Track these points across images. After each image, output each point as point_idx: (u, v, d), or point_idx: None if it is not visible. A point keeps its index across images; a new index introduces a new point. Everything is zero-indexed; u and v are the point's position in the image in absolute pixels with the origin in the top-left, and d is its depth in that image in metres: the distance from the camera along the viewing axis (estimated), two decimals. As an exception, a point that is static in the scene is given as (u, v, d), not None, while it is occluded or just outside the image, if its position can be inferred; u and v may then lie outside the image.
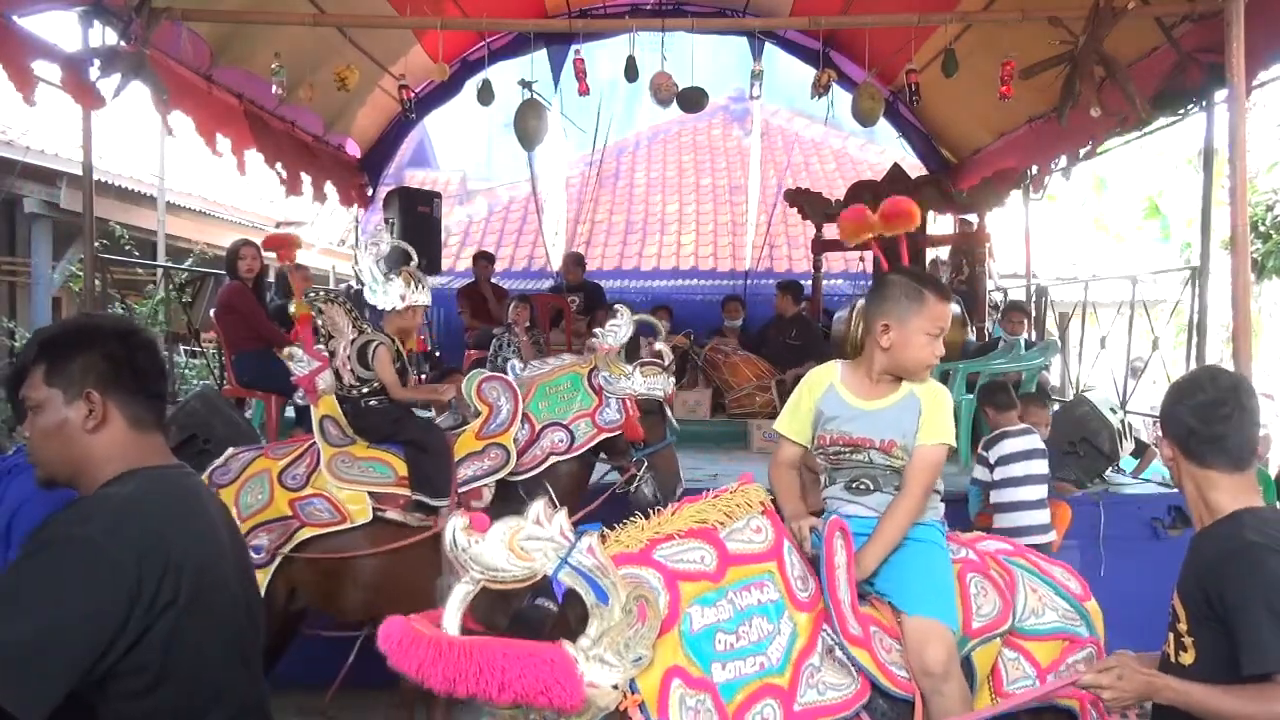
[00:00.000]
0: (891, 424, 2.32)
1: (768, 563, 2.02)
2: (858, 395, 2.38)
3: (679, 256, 12.78)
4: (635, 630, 1.60)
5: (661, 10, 8.79)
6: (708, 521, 1.98)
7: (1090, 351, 8.57)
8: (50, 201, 9.08)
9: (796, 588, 2.05)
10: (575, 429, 3.81)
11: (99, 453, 1.63)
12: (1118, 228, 17.02)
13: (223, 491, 3.45)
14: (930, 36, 6.64)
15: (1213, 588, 1.82)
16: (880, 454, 2.32)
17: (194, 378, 8.43)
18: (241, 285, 5.99)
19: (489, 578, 1.48)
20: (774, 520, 2.11)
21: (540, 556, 1.51)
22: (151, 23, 5.05)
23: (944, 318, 2.31)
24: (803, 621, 2.01)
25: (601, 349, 3.89)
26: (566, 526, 1.56)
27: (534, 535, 1.52)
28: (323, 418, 3.72)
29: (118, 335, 1.69)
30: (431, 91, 8.83)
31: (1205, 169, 5.72)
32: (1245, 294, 4.46)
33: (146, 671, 1.48)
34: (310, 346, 3.83)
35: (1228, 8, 4.41)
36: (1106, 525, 4.97)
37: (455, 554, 1.47)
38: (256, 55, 6.50)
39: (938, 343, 2.31)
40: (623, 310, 4.03)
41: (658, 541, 1.88)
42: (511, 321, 7.12)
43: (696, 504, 2.03)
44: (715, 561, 1.93)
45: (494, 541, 1.48)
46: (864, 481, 2.38)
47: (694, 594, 1.85)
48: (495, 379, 3.85)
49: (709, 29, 8.14)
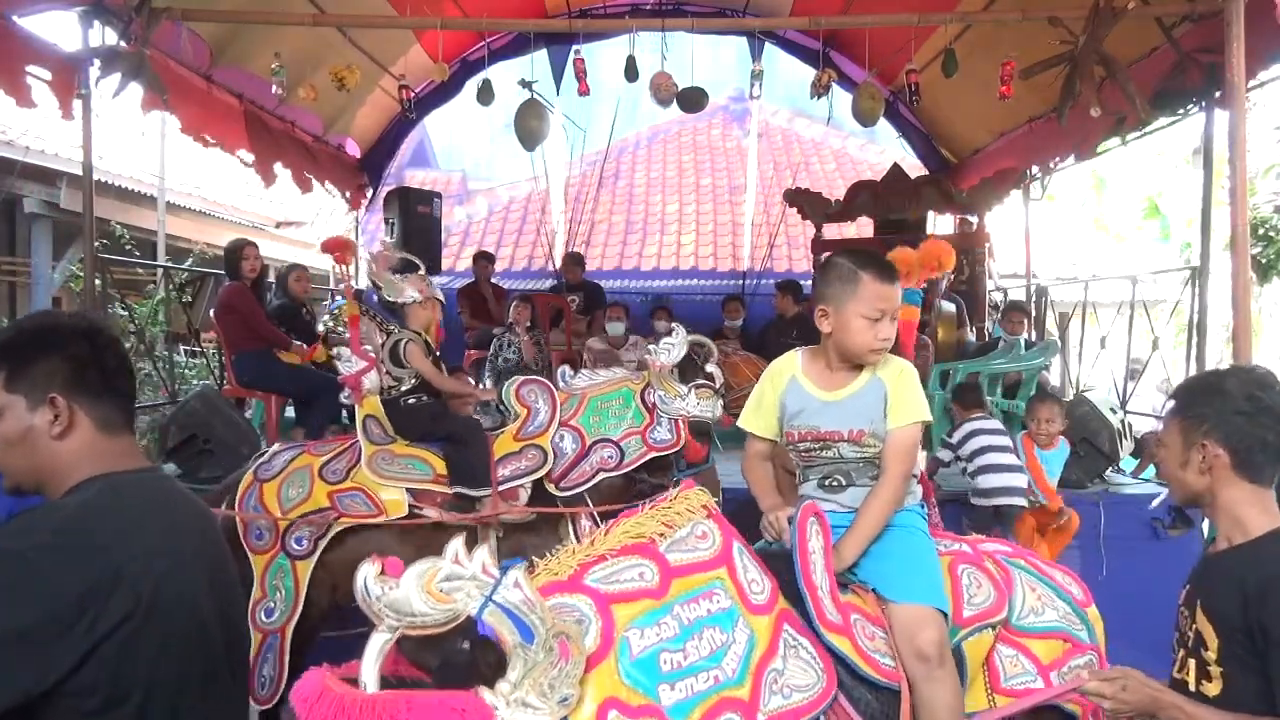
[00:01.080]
0: (858, 412, 2.24)
1: (716, 570, 1.90)
2: (820, 386, 2.30)
3: (679, 256, 12.78)
4: (559, 669, 1.50)
5: (661, 10, 8.79)
6: (645, 535, 1.85)
7: (1090, 351, 8.57)
8: (50, 201, 9.09)
9: (750, 591, 1.93)
10: (625, 446, 3.83)
11: (66, 459, 1.55)
12: (1118, 228, 17.03)
13: (266, 486, 3.54)
14: (930, 36, 6.64)
15: (1256, 618, 1.69)
16: (851, 446, 2.25)
17: (194, 378, 8.42)
18: (242, 285, 5.99)
19: (407, 624, 1.41)
20: (721, 523, 1.99)
21: (461, 597, 1.44)
22: (151, 23, 5.05)
23: (885, 298, 2.18)
24: (760, 626, 1.90)
25: (654, 366, 3.91)
26: (489, 563, 1.48)
27: (453, 575, 1.44)
28: (366, 417, 3.80)
29: (81, 335, 1.60)
30: (431, 91, 8.83)
31: (1205, 169, 5.72)
32: (1245, 294, 4.46)
33: (96, 692, 1.41)
34: (358, 347, 3.95)
35: (1228, 8, 4.41)
36: (1106, 525, 4.97)
37: (368, 602, 1.40)
38: (256, 55, 6.50)
39: (883, 325, 2.18)
40: (678, 329, 4.08)
41: (589, 565, 1.76)
42: (512, 321, 7.12)
43: (632, 518, 1.89)
44: (656, 577, 1.80)
45: (409, 586, 1.41)
46: (836, 478, 2.32)
47: (631, 616, 1.72)
48: (534, 382, 3.91)
49: (709, 29, 8.14)
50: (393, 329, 3.99)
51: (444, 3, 7.15)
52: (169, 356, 8.13)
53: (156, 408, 7.51)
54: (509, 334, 7.10)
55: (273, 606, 3.44)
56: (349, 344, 4.09)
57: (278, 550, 3.49)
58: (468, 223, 13.64)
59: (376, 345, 3.94)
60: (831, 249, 8.96)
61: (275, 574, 3.47)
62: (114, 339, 1.67)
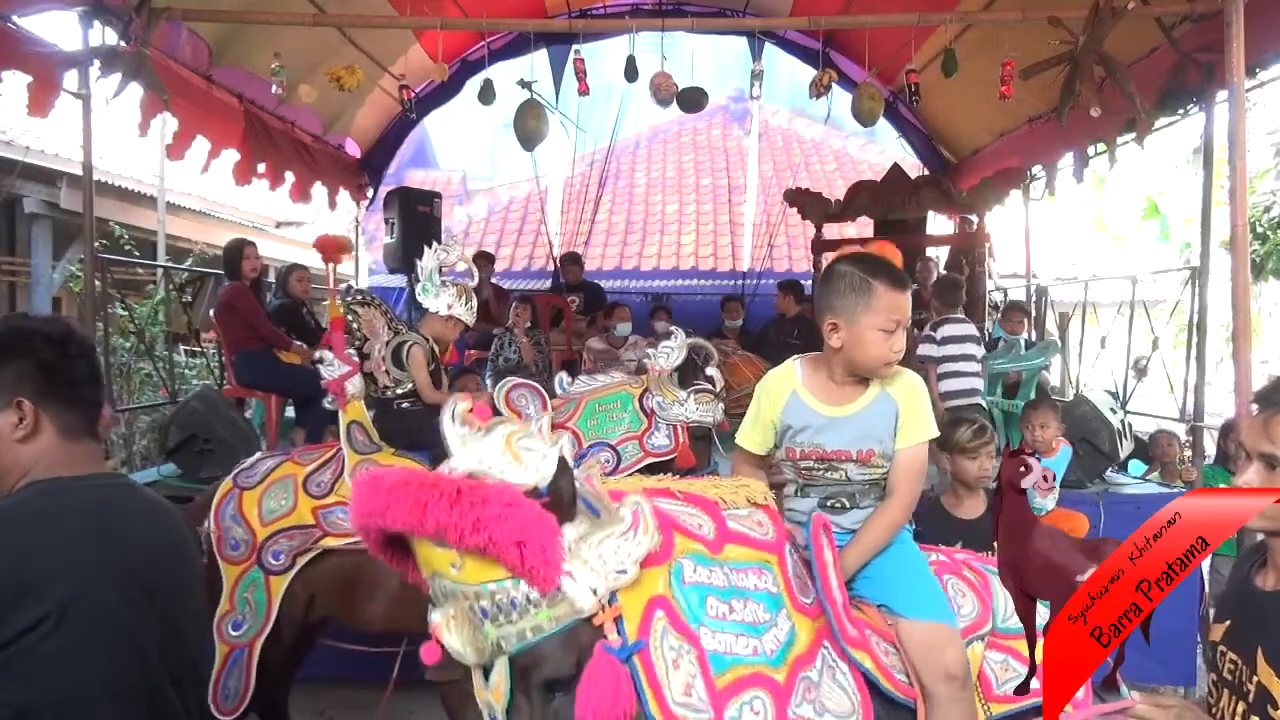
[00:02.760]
0: (867, 431, 2.09)
1: (770, 553, 1.78)
2: (824, 401, 2.12)
3: (679, 256, 12.80)
4: (625, 537, 1.41)
5: (661, 10, 8.78)
6: (707, 494, 1.77)
7: (1090, 351, 8.57)
8: (50, 201, 9.09)
9: (797, 589, 1.81)
10: (623, 450, 3.77)
11: (24, 461, 1.55)
12: (1118, 228, 17.04)
13: (246, 494, 3.43)
14: (930, 36, 6.64)
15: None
16: (858, 467, 2.11)
17: (194, 378, 8.41)
18: (242, 285, 6.00)
19: (478, 467, 1.36)
20: (775, 519, 1.89)
21: (535, 462, 1.38)
22: (151, 23, 5.04)
23: (899, 309, 2.03)
24: (803, 625, 1.77)
25: (654, 370, 3.84)
26: (567, 450, 1.42)
27: (534, 445, 1.39)
28: (350, 423, 3.67)
29: (52, 341, 1.58)
30: (431, 91, 8.83)
31: (1205, 169, 5.72)
32: (1245, 294, 4.46)
33: (6, 707, 1.37)
34: (341, 350, 3.79)
35: (1227, 8, 4.41)
36: (1106, 525, 4.97)
37: (451, 434, 1.37)
38: (256, 55, 6.50)
39: (897, 336, 2.04)
40: (677, 332, 3.98)
41: (655, 493, 1.67)
42: (512, 323, 7.13)
43: (692, 481, 1.81)
44: (714, 533, 1.69)
45: (495, 435, 1.37)
46: (840, 500, 2.17)
47: (687, 549, 1.61)
48: (525, 385, 3.79)
49: (709, 29, 8.14)
50: (402, 329, 3.89)
51: (444, 3, 7.15)
52: (169, 356, 8.13)
53: (156, 408, 7.51)
54: (509, 335, 7.11)
55: (241, 620, 3.32)
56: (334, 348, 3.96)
57: (252, 563, 3.36)
58: (468, 223, 13.65)
59: (381, 340, 3.80)
60: (831, 249, 8.97)
61: (246, 587, 3.34)
62: (88, 347, 1.66)
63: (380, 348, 3.80)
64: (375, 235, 10.37)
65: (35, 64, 4.69)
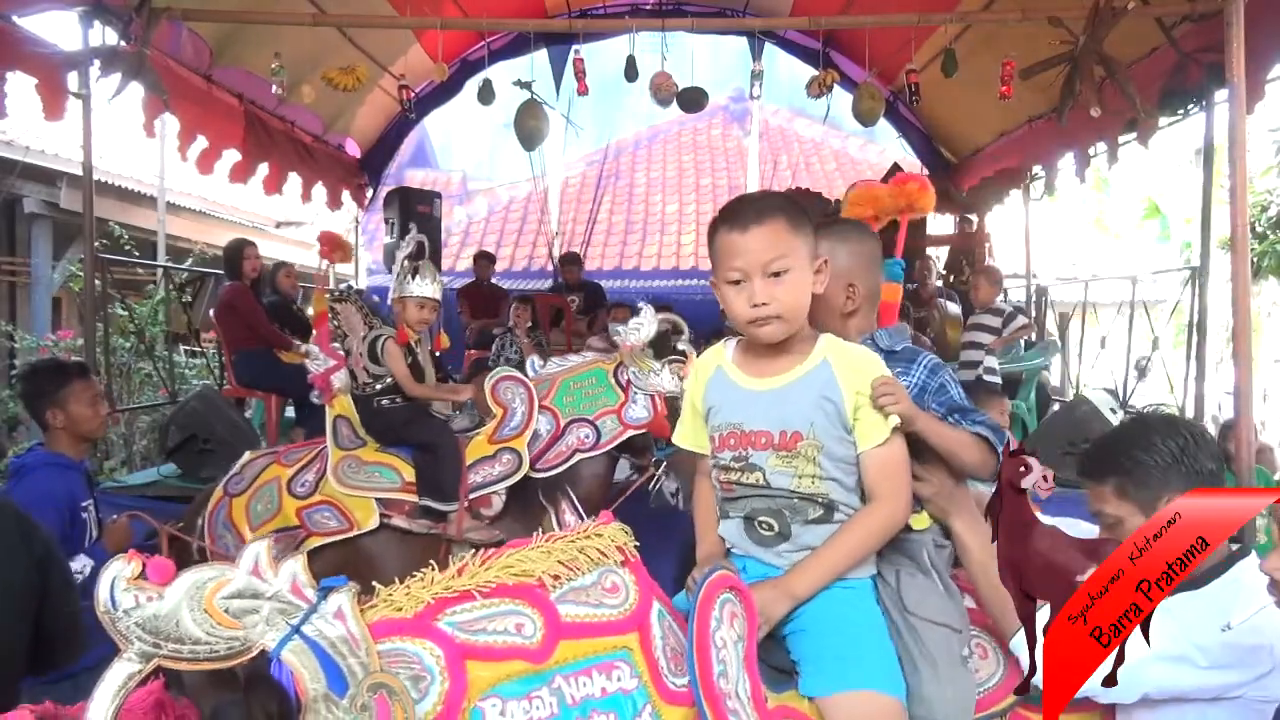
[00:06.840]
0: (795, 409, 1.64)
1: (623, 635, 1.43)
2: (749, 374, 1.72)
3: (679, 256, 12.80)
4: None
5: (661, 10, 8.78)
6: (532, 574, 1.40)
7: (1090, 351, 8.57)
8: (50, 201, 9.08)
9: (666, 672, 1.44)
10: (601, 425, 3.70)
11: None
12: (1118, 227, 17.03)
13: (235, 501, 3.42)
14: (930, 36, 6.64)
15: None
16: (780, 462, 1.64)
17: (194, 378, 8.41)
18: (242, 285, 6.01)
19: (170, 653, 1.05)
20: (639, 575, 1.51)
21: (255, 622, 1.08)
22: (151, 23, 5.04)
23: (735, 253, 1.63)
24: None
25: (625, 347, 3.76)
26: (303, 579, 1.13)
27: (248, 591, 1.08)
28: (336, 418, 3.67)
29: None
30: (431, 91, 8.83)
31: (1205, 168, 5.72)
32: (1245, 294, 4.45)
33: None
34: (327, 345, 3.79)
35: (1228, 8, 4.41)
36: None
37: (112, 618, 1.04)
38: (256, 55, 6.50)
39: (754, 288, 1.62)
40: (646, 308, 3.89)
41: (448, 603, 1.33)
42: (512, 323, 7.14)
43: (520, 550, 1.44)
44: (539, 633, 1.36)
45: (177, 599, 1.05)
46: (766, 520, 1.67)
47: (493, 680, 1.29)
48: (511, 379, 3.74)
49: (709, 29, 8.14)
50: (376, 323, 3.84)
51: (444, 3, 7.15)
52: (169, 356, 8.12)
53: (156, 408, 7.51)
54: (510, 335, 7.12)
55: None
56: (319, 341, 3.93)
57: None
58: (468, 223, 13.67)
59: (358, 336, 3.76)
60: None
61: None
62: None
63: (358, 344, 3.76)
64: (375, 235, 10.38)
65: (37, 65, 4.69)
